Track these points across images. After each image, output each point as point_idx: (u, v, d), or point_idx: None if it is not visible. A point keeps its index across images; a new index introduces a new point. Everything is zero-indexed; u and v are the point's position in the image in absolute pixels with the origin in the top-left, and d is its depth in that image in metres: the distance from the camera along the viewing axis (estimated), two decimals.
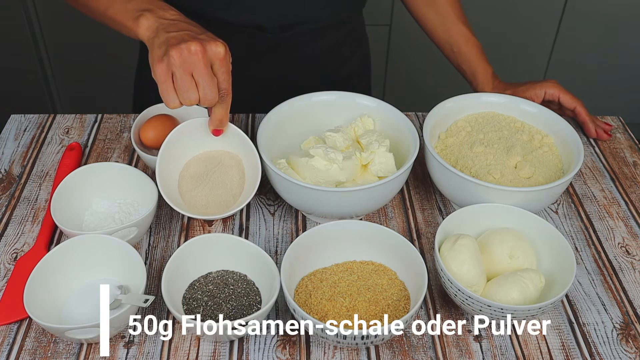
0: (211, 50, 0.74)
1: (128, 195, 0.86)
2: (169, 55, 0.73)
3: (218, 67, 0.75)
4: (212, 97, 0.75)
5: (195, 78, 0.74)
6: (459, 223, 0.79)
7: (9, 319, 0.74)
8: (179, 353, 0.71)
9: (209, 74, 0.74)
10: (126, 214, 0.84)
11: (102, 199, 0.85)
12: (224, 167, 0.86)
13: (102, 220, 0.83)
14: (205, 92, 0.75)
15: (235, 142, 0.87)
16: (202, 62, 0.73)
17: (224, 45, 0.76)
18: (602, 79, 2.32)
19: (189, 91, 0.74)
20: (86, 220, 0.84)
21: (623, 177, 0.98)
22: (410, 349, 0.73)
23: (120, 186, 0.86)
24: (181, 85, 0.74)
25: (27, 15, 2.05)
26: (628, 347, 0.74)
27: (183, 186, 0.85)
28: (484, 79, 1.06)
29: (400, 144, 0.88)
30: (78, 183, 0.84)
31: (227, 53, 0.76)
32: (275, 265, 0.73)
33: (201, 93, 0.75)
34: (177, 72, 0.73)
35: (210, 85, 0.75)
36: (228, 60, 0.76)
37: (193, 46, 0.73)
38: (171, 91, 0.74)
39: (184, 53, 0.73)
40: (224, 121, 0.81)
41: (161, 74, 0.74)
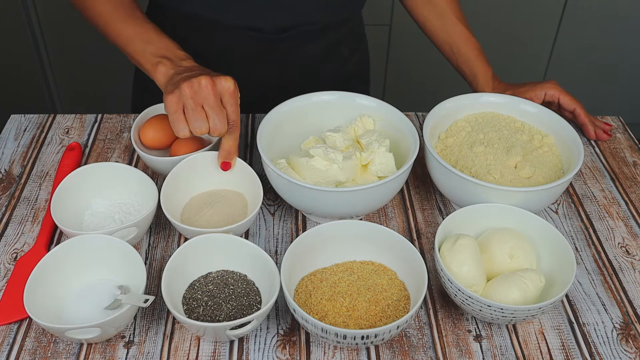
0: (220, 84, 0.79)
1: (128, 195, 0.86)
2: (181, 88, 0.78)
3: (227, 100, 0.80)
4: (221, 127, 0.79)
5: (205, 109, 0.79)
6: (459, 223, 0.79)
7: (9, 319, 0.74)
8: (179, 353, 0.71)
9: (218, 105, 0.79)
10: (126, 214, 0.84)
11: (102, 199, 0.85)
12: (228, 200, 0.86)
13: (102, 220, 0.83)
14: (215, 122, 0.79)
15: (242, 181, 0.87)
16: (212, 94, 0.79)
17: (233, 80, 0.80)
18: (602, 79, 2.32)
19: (199, 120, 0.78)
20: (86, 220, 0.84)
21: (623, 177, 0.98)
22: (410, 349, 0.73)
23: (120, 186, 0.86)
24: (192, 115, 0.78)
25: (27, 15, 2.05)
26: (628, 347, 0.74)
27: (185, 213, 0.85)
28: (484, 80, 1.06)
29: (400, 144, 0.88)
30: (78, 183, 0.84)
31: (236, 88, 0.81)
32: (275, 265, 0.73)
33: (211, 123, 0.79)
34: (188, 103, 0.78)
35: (219, 116, 0.79)
36: (237, 95, 0.81)
37: (204, 80, 0.78)
38: (182, 121, 0.79)
39: (194, 86, 0.78)
40: (233, 153, 0.83)
41: (172, 104, 0.79)
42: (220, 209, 0.83)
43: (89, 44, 2.01)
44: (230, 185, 0.88)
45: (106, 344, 0.72)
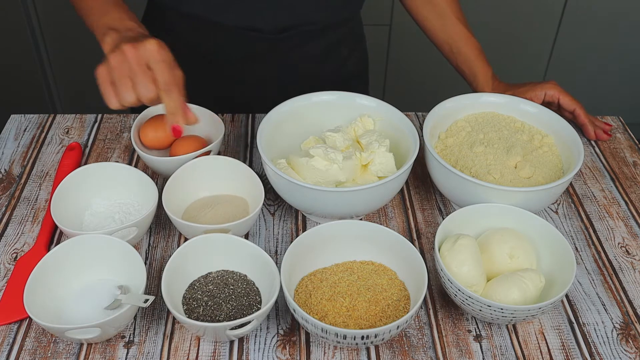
0: (143, 48, 0.77)
1: (128, 195, 0.86)
2: (108, 60, 0.77)
3: (154, 63, 0.77)
4: (149, 93, 0.77)
5: (131, 77, 0.77)
6: (459, 223, 0.79)
7: (9, 319, 0.74)
8: (179, 353, 0.71)
9: (143, 71, 0.76)
10: (126, 214, 0.84)
11: (102, 199, 0.85)
12: (229, 202, 0.86)
13: (102, 220, 0.83)
14: (139, 90, 0.77)
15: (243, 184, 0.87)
16: (135, 60, 0.76)
17: (157, 42, 0.78)
18: (602, 79, 2.32)
19: (124, 91, 0.77)
20: (86, 220, 0.84)
21: (623, 177, 0.98)
22: (410, 349, 0.73)
23: (120, 186, 0.86)
24: (118, 87, 0.77)
25: (27, 15, 2.05)
26: (628, 347, 0.74)
27: (186, 214, 0.85)
28: (483, 80, 1.06)
29: (400, 144, 0.88)
30: (78, 183, 0.84)
31: (160, 48, 0.78)
32: (275, 265, 0.73)
33: (136, 92, 0.77)
34: (113, 75, 0.77)
35: (144, 81, 0.76)
36: (162, 55, 0.78)
37: (125, 47, 0.76)
38: (109, 93, 0.77)
39: (117, 56, 0.76)
40: (177, 116, 0.79)
41: (100, 76, 0.78)
42: (221, 210, 0.84)
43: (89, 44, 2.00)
44: (231, 190, 0.88)
45: (106, 344, 0.72)
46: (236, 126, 1.05)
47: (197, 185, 0.87)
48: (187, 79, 1.10)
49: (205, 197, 0.87)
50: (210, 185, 0.87)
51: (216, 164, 0.87)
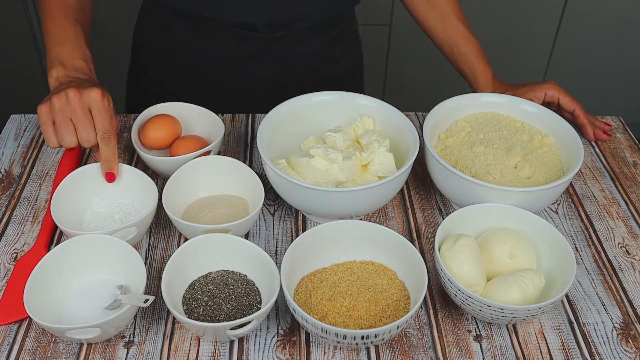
0: (88, 95, 0.81)
1: (128, 195, 0.86)
2: (51, 101, 0.80)
3: (96, 111, 0.81)
4: (89, 138, 0.81)
5: (74, 122, 0.81)
6: (459, 223, 0.79)
7: (9, 319, 0.74)
8: (179, 353, 0.71)
9: (86, 117, 0.81)
10: (126, 214, 0.84)
11: (102, 199, 0.85)
12: (229, 202, 0.86)
13: (102, 220, 0.83)
14: (82, 134, 0.81)
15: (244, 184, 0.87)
16: (79, 106, 0.80)
17: (100, 90, 0.82)
18: (602, 79, 2.32)
19: (66, 133, 0.81)
20: (86, 220, 0.84)
21: (623, 177, 0.98)
22: (410, 349, 0.73)
23: (121, 186, 0.86)
24: (59, 128, 0.81)
25: (27, 15, 2.05)
26: (628, 347, 0.74)
27: (186, 214, 0.85)
28: (484, 80, 1.06)
29: (400, 144, 0.88)
30: (78, 183, 0.84)
31: (103, 97, 0.82)
32: (275, 265, 0.73)
33: (79, 135, 0.81)
34: (56, 117, 0.81)
35: (87, 127, 0.81)
36: (105, 104, 0.82)
37: (71, 93, 0.80)
38: (50, 133, 0.81)
39: (62, 99, 0.80)
40: (112, 162, 0.83)
41: (42, 115, 0.81)
42: (221, 210, 0.84)
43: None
44: (231, 190, 0.88)
45: (106, 344, 0.72)
46: (236, 126, 1.05)
47: (197, 185, 0.87)
48: (185, 79, 1.11)
49: (205, 197, 0.87)
50: (210, 185, 0.87)
51: (216, 164, 0.87)
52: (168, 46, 1.09)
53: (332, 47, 1.12)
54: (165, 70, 1.12)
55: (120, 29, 1.17)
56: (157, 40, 1.10)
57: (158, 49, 1.11)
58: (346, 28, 1.14)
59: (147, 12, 1.11)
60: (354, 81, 1.21)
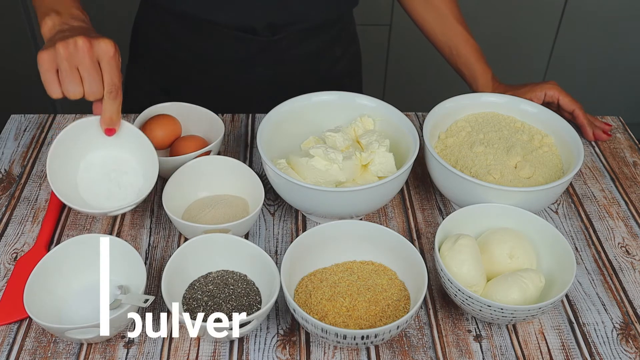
0: (99, 47, 0.74)
1: (125, 151, 0.83)
2: (56, 47, 0.73)
3: (106, 64, 0.75)
4: (97, 90, 0.75)
5: (81, 72, 0.74)
6: (459, 223, 0.79)
7: (9, 319, 0.74)
8: (179, 353, 0.71)
9: (95, 68, 0.75)
10: (122, 174, 0.82)
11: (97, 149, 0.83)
12: (229, 202, 0.86)
13: (98, 179, 0.81)
14: (90, 85, 0.75)
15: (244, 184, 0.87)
16: (88, 56, 0.74)
17: (113, 43, 0.76)
18: (602, 79, 2.32)
19: (73, 83, 0.74)
20: (80, 177, 0.82)
21: (623, 177, 0.98)
22: (410, 349, 0.73)
23: (117, 141, 0.83)
24: (65, 77, 0.74)
25: (27, 15, 2.05)
26: (628, 347, 0.74)
27: (186, 214, 0.85)
28: (483, 81, 1.06)
29: (400, 144, 0.88)
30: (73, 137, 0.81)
31: (116, 51, 0.76)
32: (275, 265, 0.73)
33: (86, 87, 0.75)
34: (62, 64, 0.74)
35: (95, 79, 0.75)
36: (117, 59, 0.76)
37: (80, 41, 0.73)
38: (54, 82, 0.74)
39: (70, 47, 0.73)
40: (115, 119, 0.79)
41: (45, 62, 0.74)
42: (221, 210, 0.84)
43: None
44: (231, 190, 0.88)
45: (106, 344, 0.72)
46: (236, 126, 1.05)
47: (197, 185, 0.87)
48: (185, 79, 1.11)
49: (205, 197, 0.87)
50: (210, 185, 0.87)
51: (216, 164, 0.87)
52: (167, 47, 1.09)
53: (331, 47, 1.12)
54: (165, 71, 1.12)
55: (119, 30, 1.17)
56: (156, 41, 1.10)
57: (157, 49, 1.11)
58: (345, 28, 1.14)
59: (146, 13, 1.11)
60: (353, 81, 1.21)
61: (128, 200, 0.81)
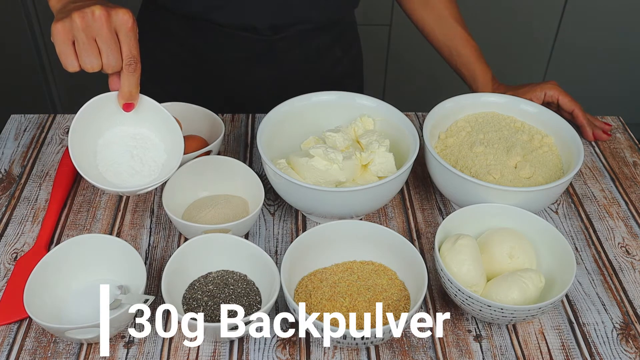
0: (117, 17, 0.71)
1: (145, 125, 0.79)
2: (72, 17, 0.70)
3: (124, 35, 0.72)
4: (115, 63, 0.72)
5: (98, 43, 0.71)
6: (459, 223, 0.79)
7: (9, 319, 0.74)
8: (179, 353, 0.71)
9: (113, 39, 0.71)
10: (144, 150, 0.78)
11: (116, 125, 0.78)
12: (229, 202, 0.86)
13: (119, 155, 0.77)
14: (108, 58, 0.71)
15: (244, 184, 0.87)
16: (106, 27, 0.70)
17: (131, 14, 0.72)
18: (602, 79, 2.32)
19: (91, 55, 0.71)
20: (99, 152, 0.77)
21: (623, 177, 0.98)
22: (410, 349, 0.73)
23: (138, 116, 0.78)
24: (83, 49, 0.70)
25: (27, 15, 2.05)
26: (628, 347, 0.74)
27: (186, 214, 0.85)
28: (483, 82, 1.06)
29: (400, 144, 0.88)
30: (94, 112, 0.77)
31: (134, 23, 0.72)
32: (275, 265, 0.73)
33: (104, 59, 0.71)
34: (78, 35, 0.70)
35: (114, 51, 0.71)
36: (135, 30, 0.73)
37: (97, 11, 0.70)
38: (71, 54, 0.71)
39: (87, 17, 0.69)
40: (134, 93, 0.75)
41: (60, 33, 0.70)
42: (221, 210, 0.84)
43: None
44: (231, 190, 0.88)
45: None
46: (236, 126, 1.05)
47: (197, 185, 0.87)
48: (185, 79, 1.11)
49: (205, 197, 0.87)
50: (210, 185, 0.87)
51: (216, 164, 0.87)
52: (168, 47, 1.09)
53: (332, 47, 1.12)
54: (165, 71, 1.12)
55: None
56: (157, 41, 1.10)
57: (158, 49, 1.11)
58: (346, 28, 1.14)
59: (147, 13, 1.11)
60: (354, 81, 1.21)
61: (153, 177, 0.77)
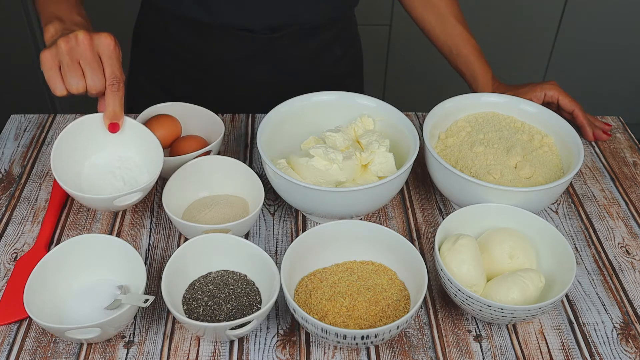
0: (99, 40, 0.76)
1: (129, 149, 0.83)
2: (57, 44, 0.75)
3: (107, 57, 0.76)
4: (99, 83, 0.76)
5: (82, 66, 0.75)
6: (459, 223, 0.79)
7: (9, 319, 0.74)
8: (179, 353, 0.72)
9: (96, 61, 0.76)
10: (126, 170, 0.82)
11: (101, 150, 0.82)
12: (229, 202, 0.86)
13: (102, 175, 0.81)
14: (92, 79, 0.75)
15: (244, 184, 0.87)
16: (89, 49, 0.75)
17: (112, 37, 0.77)
18: (602, 79, 2.32)
19: (75, 77, 0.75)
20: (85, 173, 0.81)
21: (623, 177, 0.98)
22: (410, 349, 0.73)
23: (122, 139, 0.82)
24: (67, 72, 0.75)
25: (27, 15, 2.05)
26: (628, 347, 0.74)
27: (186, 214, 0.85)
28: (483, 81, 1.06)
29: (400, 144, 0.88)
30: (77, 134, 0.80)
31: (116, 45, 0.77)
32: (275, 265, 0.73)
33: (88, 80, 0.75)
34: (63, 59, 0.75)
35: (97, 72, 0.75)
36: (117, 52, 0.77)
37: (80, 35, 0.75)
38: (57, 78, 0.75)
39: (71, 41, 0.74)
40: (118, 112, 0.79)
41: (47, 60, 0.75)
42: (221, 210, 0.84)
43: None
44: (231, 190, 0.88)
45: (106, 344, 0.72)
46: (236, 126, 1.05)
47: (197, 185, 0.87)
48: (185, 79, 1.11)
49: (205, 197, 0.87)
50: (210, 185, 0.87)
51: (216, 164, 0.87)
52: (167, 47, 1.09)
53: (331, 47, 1.12)
54: (165, 71, 1.12)
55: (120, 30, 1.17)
56: (156, 41, 1.10)
57: (157, 49, 1.11)
58: (345, 28, 1.14)
59: (146, 14, 1.11)
60: (354, 81, 1.21)
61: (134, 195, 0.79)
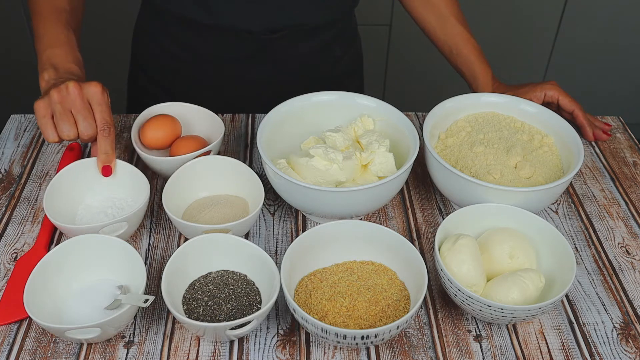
0: (88, 89, 0.81)
1: (122, 190, 0.86)
2: (49, 94, 0.80)
3: (96, 104, 0.82)
4: (90, 130, 0.81)
5: (74, 113, 0.81)
6: (459, 223, 0.79)
7: (9, 319, 0.74)
8: (179, 353, 0.72)
9: (86, 109, 0.81)
10: (119, 209, 0.84)
11: (96, 194, 0.86)
12: (229, 202, 0.86)
13: (95, 215, 0.84)
14: (83, 126, 0.81)
15: (244, 184, 0.87)
16: (79, 98, 0.80)
17: (100, 85, 0.82)
18: (602, 79, 2.32)
19: (66, 124, 0.80)
20: (79, 214, 0.84)
21: (623, 177, 0.98)
22: (410, 349, 0.73)
23: (114, 181, 0.86)
24: (59, 119, 0.80)
25: (27, 15, 2.05)
26: (628, 347, 0.74)
27: (186, 214, 0.85)
28: (483, 81, 1.06)
29: (400, 144, 0.88)
30: (73, 177, 0.84)
31: (103, 92, 0.82)
32: (275, 265, 0.73)
33: (80, 126, 0.81)
34: (55, 108, 0.80)
35: (87, 119, 0.81)
36: (105, 99, 0.83)
37: (71, 85, 0.80)
38: (49, 126, 0.80)
39: (62, 91, 0.80)
40: (110, 155, 0.83)
41: (40, 109, 0.80)
42: (221, 210, 0.84)
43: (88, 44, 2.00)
44: (231, 190, 0.88)
45: (106, 344, 0.72)
46: (236, 126, 1.05)
47: (197, 185, 0.87)
48: (185, 79, 1.11)
49: (205, 197, 0.87)
50: (210, 185, 0.87)
51: (216, 164, 0.87)
52: (167, 47, 1.09)
53: (331, 47, 1.12)
54: (165, 71, 1.12)
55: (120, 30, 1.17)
56: (156, 41, 1.10)
57: (157, 49, 1.11)
58: (345, 28, 1.14)
59: (146, 14, 1.11)
60: (354, 81, 1.21)
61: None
